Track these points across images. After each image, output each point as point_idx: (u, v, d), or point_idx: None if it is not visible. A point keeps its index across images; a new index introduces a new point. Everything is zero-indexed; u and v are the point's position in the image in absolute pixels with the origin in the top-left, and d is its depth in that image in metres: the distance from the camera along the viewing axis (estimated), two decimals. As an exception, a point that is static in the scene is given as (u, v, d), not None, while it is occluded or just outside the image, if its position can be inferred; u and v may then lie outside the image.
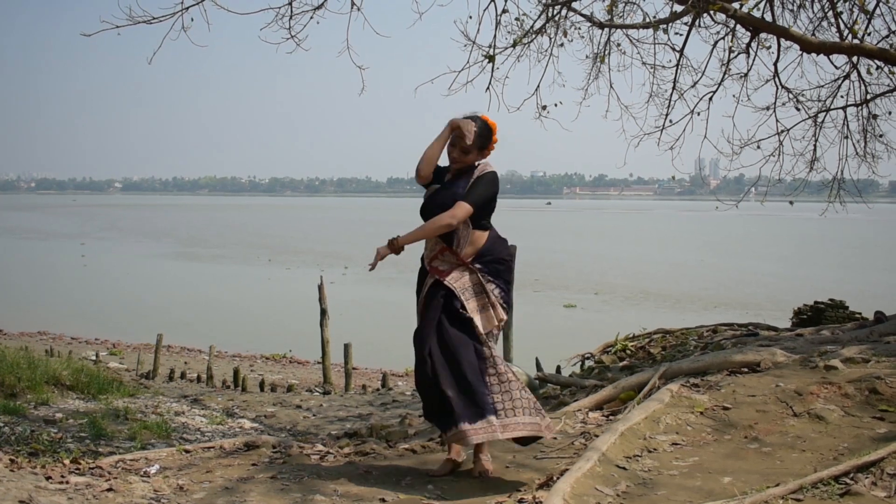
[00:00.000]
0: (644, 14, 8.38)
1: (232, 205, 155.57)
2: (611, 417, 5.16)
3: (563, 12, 8.12)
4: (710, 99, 8.64)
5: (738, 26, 8.06)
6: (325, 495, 3.86)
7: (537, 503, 3.57)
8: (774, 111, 8.69)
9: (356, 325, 18.78)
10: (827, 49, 7.54)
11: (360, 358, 15.01)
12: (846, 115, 8.81)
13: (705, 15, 7.84)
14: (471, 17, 7.69)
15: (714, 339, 8.14)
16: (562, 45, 8.34)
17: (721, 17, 7.94)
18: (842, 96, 8.79)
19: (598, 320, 19.97)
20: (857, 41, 7.82)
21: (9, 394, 7.10)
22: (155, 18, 5.82)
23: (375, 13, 8.26)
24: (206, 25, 6.11)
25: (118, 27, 5.62)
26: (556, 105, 8.30)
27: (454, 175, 4.19)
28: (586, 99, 8.69)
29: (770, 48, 8.42)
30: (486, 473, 4.08)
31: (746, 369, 5.51)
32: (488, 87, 7.96)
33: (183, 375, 14.35)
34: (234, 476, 4.24)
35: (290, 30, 6.71)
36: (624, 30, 8.35)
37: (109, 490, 3.95)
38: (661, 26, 8.02)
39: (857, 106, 8.69)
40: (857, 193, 9.10)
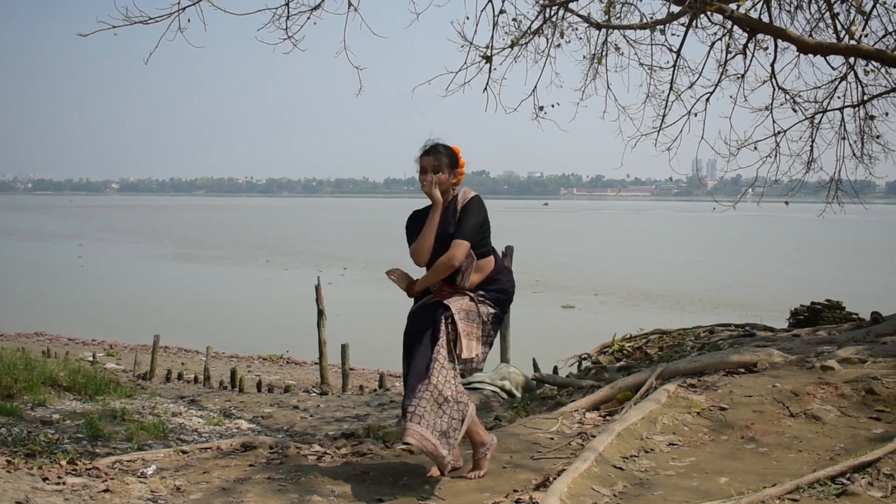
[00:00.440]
0: (641, 15, 8.40)
1: (229, 205, 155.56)
2: (608, 418, 5.16)
3: (561, 13, 8.12)
4: (707, 100, 8.65)
5: (735, 27, 8.07)
6: (322, 496, 3.86)
7: (534, 503, 3.57)
8: (771, 112, 8.70)
9: (353, 325, 18.77)
10: (824, 50, 7.55)
11: (358, 358, 14.99)
12: (843, 116, 8.83)
13: (702, 16, 7.85)
14: (468, 18, 7.69)
15: (711, 339, 8.15)
16: (559, 46, 8.36)
17: (718, 17, 7.95)
18: (839, 97, 8.82)
19: (595, 321, 19.98)
20: (854, 42, 7.84)
21: (6, 395, 7.08)
22: (151, 19, 5.81)
23: (372, 14, 8.26)
24: (203, 26, 6.11)
25: (114, 27, 5.61)
26: (553, 106, 8.31)
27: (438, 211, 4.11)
28: (583, 100, 8.70)
29: (767, 49, 8.43)
30: (481, 474, 4.09)
31: (743, 370, 5.51)
32: (486, 88, 7.97)
33: (180, 376, 14.33)
34: (231, 477, 4.24)
35: (287, 30, 6.71)
36: (621, 30, 8.35)
37: (106, 491, 3.94)
38: (658, 27, 8.03)
39: (854, 107, 8.71)
40: (853, 194, 9.12)
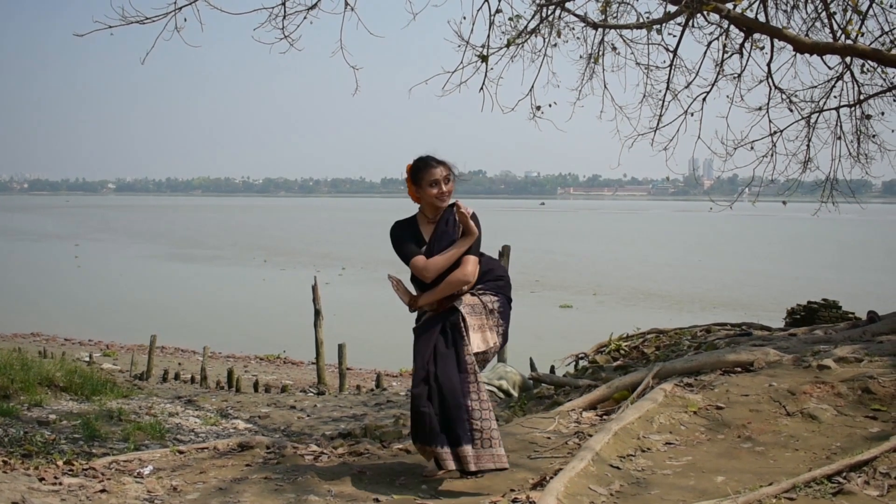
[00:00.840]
0: (638, 14, 8.40)
1: (226, 205, 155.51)
2: (605, 417, 5.17)
3: (557, 12, 8.12)
4: (704, 99, 8.66)
5: (732, 27, 8.08)
6: (319, 495, 3.86)
7: (531, 503, 3.57)
8: (768, 112, 8.71)
9: (350, 325, 18.78)
10: (820, 50, 7.56)
11: (355, 358, 15.01)
12: (839, 116, 8.83)
13: (699, 15, 7.86)
14: (464, 18, 7.70)
15: (707, 338, 8.15)
16: (556, 46, 8.36)
17: (714, 17, 7.96)
18: (835, 97, 8.82)
19: (593, 321, 20.01)
20: (850, 42, 7.84)
21: (2, 395, 7.07)
22: (148, 19, 5.80)
23: (369, 13, 8.28)
24: (200, 26, 6.11)
25: (111, 27, 5.61)
26: (550, 105, 8.31)
27: (433, 222, 4.14)
28: (580, 99, 8.70)
29: (763, 49, 8.44)
30: (479, 473, 4.08)
31: (740, 369, 5.52)
32: (482, 88, 7.97)
33: (177, 376, 14.32)
34: (227, 477, 4.24)
35: (284, 30, 6.72)
36: (618, 30, 8.35)
37: (103, 491, 3.94)
38: (654, 27, 8.03)
39: (850, 106, 8.72)
40: (850, 194, 9.12)
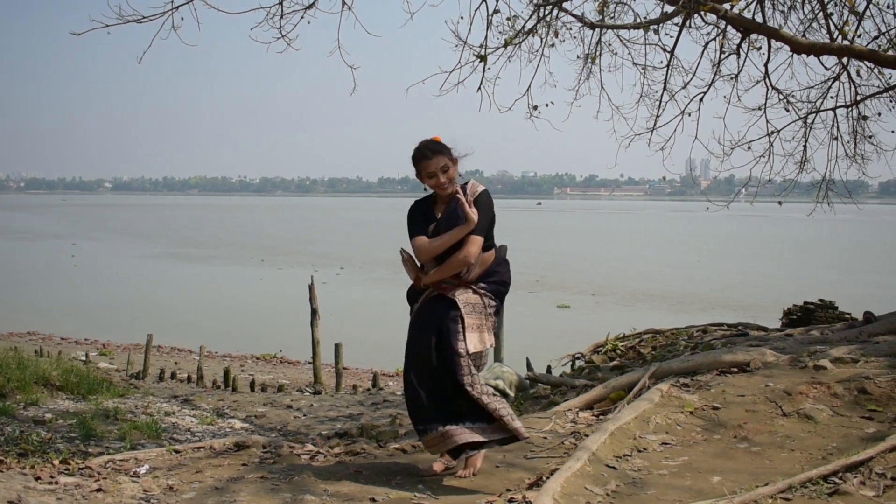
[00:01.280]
0: (635, 14, 8.42)
1: (223, 205, 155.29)
2: (601, 417, 5.17)
3: (555, 12, 8.13)
4: (701, 99, 8.66)
5: (729, 27, 8.08)
6: (315, 495, 3.86)
7: (527, 503, 3.57)
8: (765, 112, 8.72)
9: (347, 325, 18.77)
10: (817, 50, 7.57)
11: (351, 358, 15.00)
12: (836, 117, 8.84)
13: (696, 16, 7.86)
14: (462, 18, 7.72)
15: (704, 339, 8.16)
16: (553, 46, 8.37)
17: (712, 17, 7.97)
18: (832, 97, 8.83)
19: (590, 321, 19.99)
20: (847, 42, 7.85)
21: (-2, 394, 7.07)
22: (145, 18, 5.80)
23: (366, 13, 8.27)
24: (197, 25, 6.10)
25: (108, 26, 5.60)
26: (547, 105, 8.32)
27: (444, 202, 4.10)
28: (577, 99, 8.72)
29: (761, 49, 8.45)
30: (474, 472, 4.08)
31: (736, 369, 5.52)
32: (479, 88, 7.98)
33: (173, 376, 14.29)
34: (224, 476, 4.23)
35: (281, 29, 6.72)
36: (615, 30, 8.36)
37: (99, 490, 3.93)
38: (651, 27, 8.04)
39: (846, 107, 8.73)
40: (846, 194, 9.13)
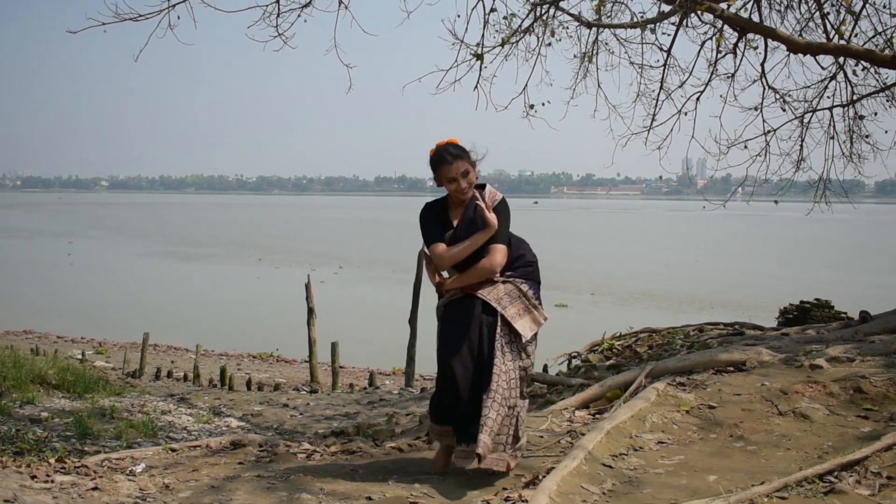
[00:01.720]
0: (632, 14, 8.43)
1: (219, 203, 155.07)
2: (597, 416, 5.17)
3: (551, 11, 8.14)
4: (698, 99, 8.69)
5: (726, 26, 8.10)
6: (311, 493, 3.85)
7: (523, 501, 3.57)
8: (761, 111, 8.74)
9: (344, 323, 18.75)
10: (814, 50, 7.59)
11: (348, 356, 14.99)
12: (832, 116, 8.87)
13: (693, 15, 7.88)
14: (459, 16, 7.73)
15: (700, 338, 8.17)
16: (549, 45, 8.37)
17: (708, 17, 7.98)
18: (828, 97, 8.86)
19: (587, 320, 19.96)
20: (843, 42, 7.87)
21: (-6, 393, 7.06)
22: (141, 16, 5.80)
23: (363, 11, 8.27)
24: (193, 23, 6.10)
25: (104, 24, 5.61)
26: (543, 104, 8.33)
27: (458, 206, 4.03)
28: (574, 98, 8.74)
29: (757, 48, 8.47)
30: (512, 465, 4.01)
31: (732, 368, 5.53)
32: (476, 86, 7.99)
33: (169, 374, 14.28)
34: (220, 475, 4.23)
35: (278, 28, 6.73)
36: (612, 29, 8.38)
37: (95, 489, 3.93)
38: (648, 26, 8.05)
39: (843, 106, 8.75)
40: (843, 194, 9.16)
